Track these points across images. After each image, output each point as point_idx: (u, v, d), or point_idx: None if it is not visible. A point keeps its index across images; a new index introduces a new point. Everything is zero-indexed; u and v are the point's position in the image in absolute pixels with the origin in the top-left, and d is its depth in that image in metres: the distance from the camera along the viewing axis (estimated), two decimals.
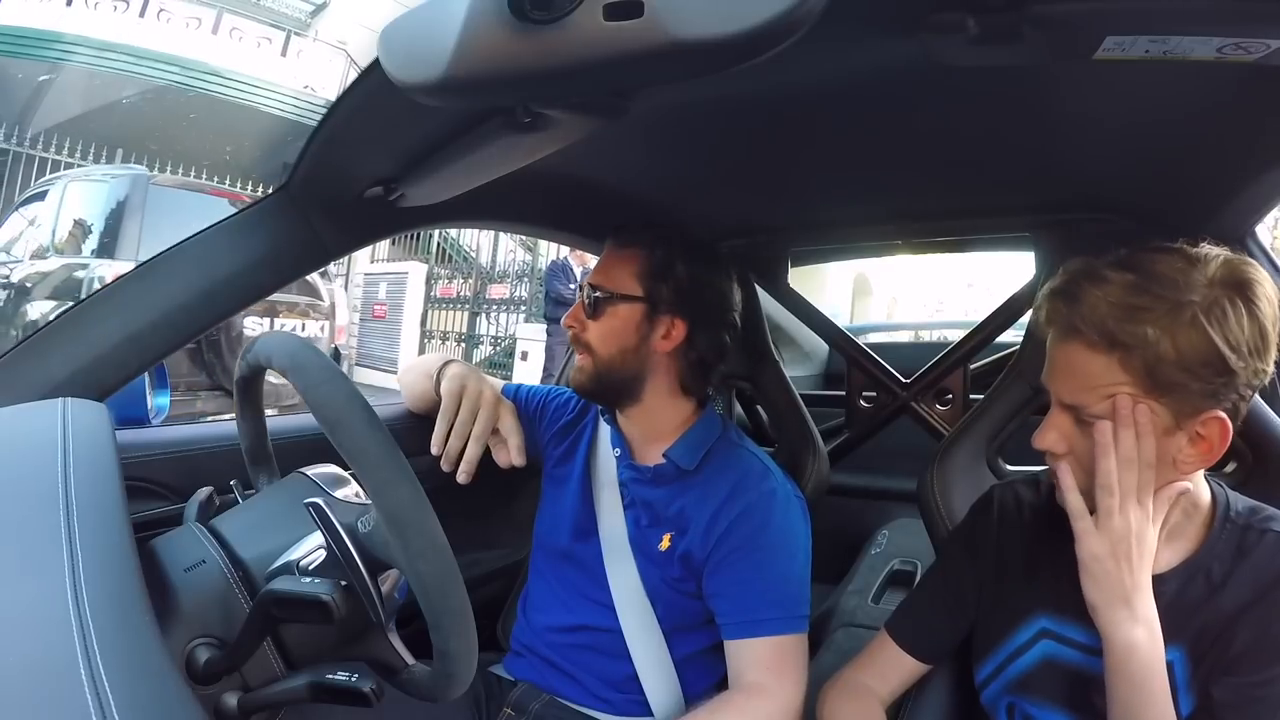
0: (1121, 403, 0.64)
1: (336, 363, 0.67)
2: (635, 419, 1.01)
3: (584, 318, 0.98)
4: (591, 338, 0.97)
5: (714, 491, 0.94)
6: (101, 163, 7.10)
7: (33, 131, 7.15)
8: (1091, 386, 0.65)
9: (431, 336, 8.48)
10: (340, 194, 0.84)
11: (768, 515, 0.93)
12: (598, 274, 0.98)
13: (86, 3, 7.86)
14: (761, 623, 0.89)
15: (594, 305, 0.97)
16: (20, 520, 0.51)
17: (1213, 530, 0.69)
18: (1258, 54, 0.51)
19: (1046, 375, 0.71)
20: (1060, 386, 0.68)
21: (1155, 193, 0.93)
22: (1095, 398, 0.65)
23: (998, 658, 0.78)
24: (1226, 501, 0.71)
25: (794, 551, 0.93)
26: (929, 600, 0.85)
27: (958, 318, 4.46)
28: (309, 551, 0.61)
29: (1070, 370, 0.67)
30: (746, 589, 0.90)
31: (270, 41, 8.83)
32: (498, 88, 0.48)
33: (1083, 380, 0.65)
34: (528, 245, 8.09)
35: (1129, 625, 0.64)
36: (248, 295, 0.85)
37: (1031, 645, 0.75)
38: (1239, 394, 0.63)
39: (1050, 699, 0.73)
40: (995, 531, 0.81)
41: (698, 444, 0.98)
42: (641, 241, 0.98)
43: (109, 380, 0.78)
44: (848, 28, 0.51)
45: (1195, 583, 0.68)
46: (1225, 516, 0.70)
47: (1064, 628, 0.74)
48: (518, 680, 1.02)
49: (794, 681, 0.87)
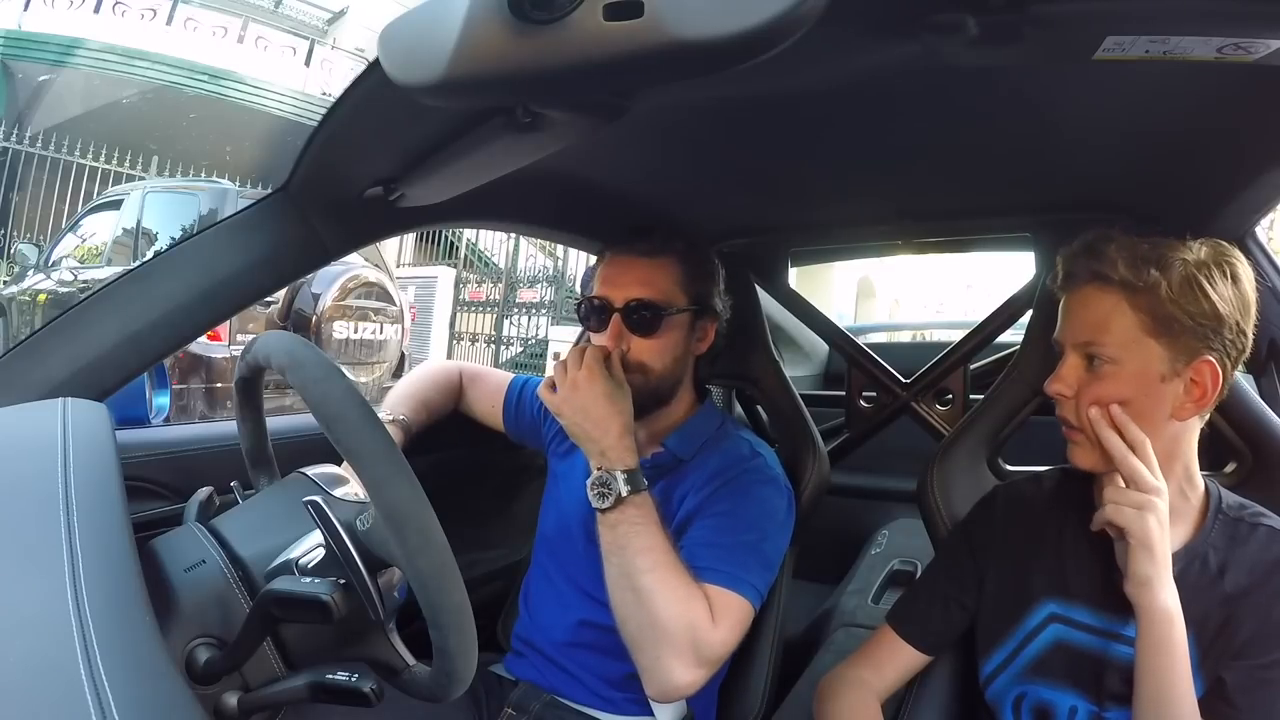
0: (1114, 411, 0.72)
1: (404, 364, 0.67)
2: (647, 421, 1.00)
3: (629, 335, 0.93)
4: (645, 356, 0.94)
5: (704, 470, 0.96)
6: (100, 162, 7.12)
7: (32, 131, 7.15)
8: (1103, 323, 0.73)
9: (460, 339, 8.68)
10: (340, 194, 0.84)
11: (744, 485, 0.93)
12: (638, 288, 0.94)
13: (114, 10, 8.05)
14: (711, 571, 0.85)
15: (646, 323, 0.93)
16: (20, 520, 0.51)
17: (1207, 520, 0.74)
18: (1258, 54, 0.51)
19: (1060, 328, 0.77)
20: (1075, 328, 0.75)
21: (1155, 192, 0.93)
22: (1106, 336, 0.72)
23: (1008, 646, 0.79)
24: (1219, 495, 0.76)
25: (761, 525, 0.91)
26: (930, 592, 0.86)
27: (958, 318, 4.46)
28: (308, 550, 0.61)
29: (1085, 310, 0.75)
30: (707, 543, 0.88)
31: (295, 51, 9.06)
32: (498, 88, 0.48)
33: (1095, 318, 0.73)
34: (548, 250, 8.38)
35: (1169, 593, 0.67)
36: (248, 295, 0.85)
37: (1041, 630, 0.77)
38: (1225, 348, 0.71)
39: (1064, 681, 0.75)
40: (998, 525, 0.84)
41: (696, 434, 0.99)
42: (674, 248, 0.97)
43: (109, 380, 0.77)
44: (848, 28, 0.51)
45: (1194, 567, 0.72)
46: (1218, 508, 0.75)
47: (1072, 611, 0.76)
48: (518, 680, 1.02)
49: (728, 631, 0.83)
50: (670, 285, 0.95)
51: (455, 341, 8.66)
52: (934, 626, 0.85)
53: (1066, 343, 0.76)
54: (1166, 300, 0.70)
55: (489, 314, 8.75)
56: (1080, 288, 0.76)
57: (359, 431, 0.55)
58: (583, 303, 1.00)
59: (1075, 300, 0.76)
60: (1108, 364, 0.72)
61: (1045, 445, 0.86)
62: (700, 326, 0.99)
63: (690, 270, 0.97)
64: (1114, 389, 0.72)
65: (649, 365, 0.94)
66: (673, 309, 0.94)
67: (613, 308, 0.95)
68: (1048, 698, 0.76)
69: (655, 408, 0.99)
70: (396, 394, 1.12)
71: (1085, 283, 0.75)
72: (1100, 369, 0.73)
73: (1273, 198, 0.86)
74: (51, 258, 5.04)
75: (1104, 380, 0.73)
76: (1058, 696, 0.75)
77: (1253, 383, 0.96)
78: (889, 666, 0.84)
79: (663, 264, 0.96)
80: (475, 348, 8.57)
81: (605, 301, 0.96)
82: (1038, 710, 0.77)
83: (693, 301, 0.97)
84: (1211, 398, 0.71)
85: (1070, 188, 0.99)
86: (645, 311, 0.93)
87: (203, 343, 3.50)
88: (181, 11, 8.36)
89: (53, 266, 4.92)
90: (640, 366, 0.94)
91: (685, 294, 0.96)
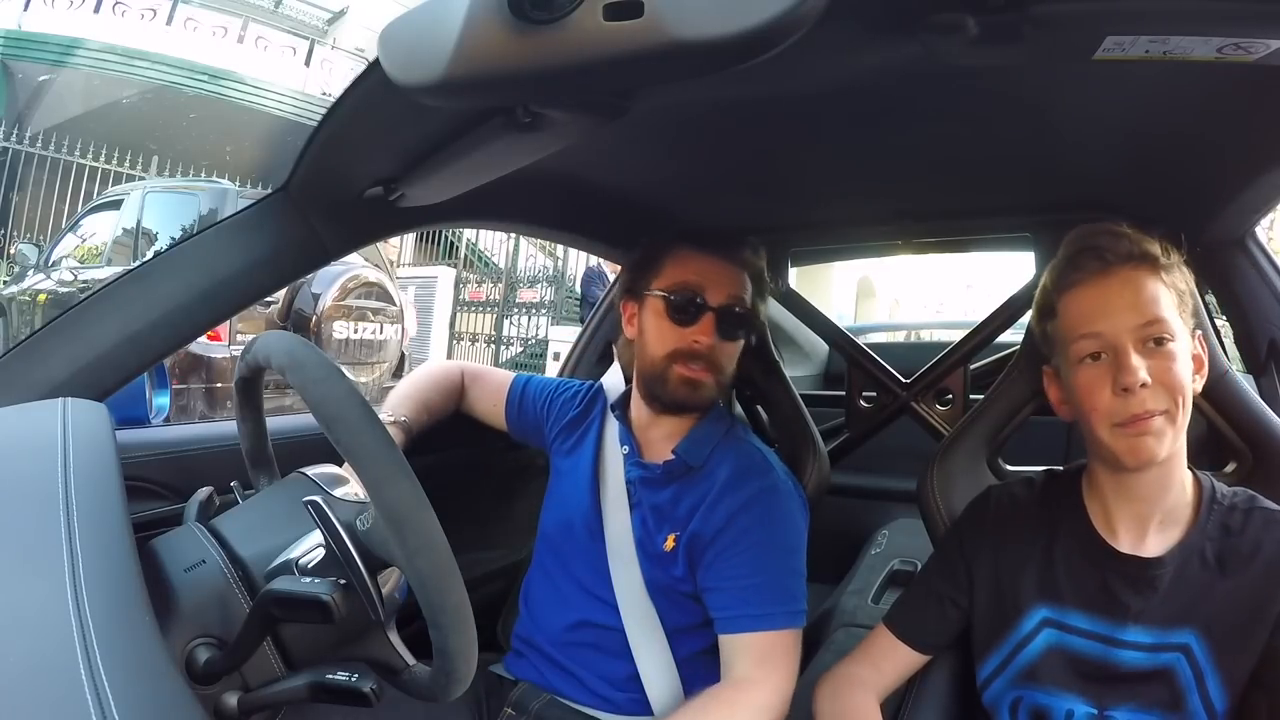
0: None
1: (404, 365, 0.68)
2: (670, 419, 1.01)
3: (716, 338, 0.95)
4: (723, 358, 0.96)
5: (716, 482, 0.95)
6: (100, 162, 7.12)
7: (32, 131, 7.16)
8: (1156, 300, 0.70)
9: (460, 339, 8.71)
10: (340, 194, 0.84)
11: (768, 509, 0.93)
12: (737, 290, 0.96)
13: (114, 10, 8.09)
14: (757, 618, 0.88)
15: (737, 328, 0.96)
16: (20, 520, 0.51)
17: (1200, 514, 0.73)
18: (1258, 54, 0.51)
19: (1098, 318, 0.71)
20: (1131, 312, 0.70)
21: (1155, 192, 0.93)
22: (1164, 312, 0.70)
23: (1003, 651, 0.79)
24: (1211, 487, 0.75)
25: (794, 546, 0.93)
26: (925, 592, 0.86)
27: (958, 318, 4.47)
28: (308, 550, 0.61)
29: (1139, 290, 0.71)
30: (743, 584, 0.90)
31: (295, 51, 9.09)
32: (498, 88, 0.48)
33: (1151, 296, 0.70)
34: (548, 250, 8.45)
35: None
36: (247, 295, 0.85)
37: (1035, 635, 0.77)
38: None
39: (1061, 685, 0.75)
40: (991, 527, 0.83)
41: (706, 439, 0.99)
42: (743, 255, 0.99)
43: (109, 380, 0.77)
44: (848, 28, 0.51)
45: (1192, 564, 0.71)
46: (1211, 500, 0.74)
47: (1066, 616, 0.75)
48: (518, 680, 1.02)
49: (783, 675, 0.87)
50: (751, 296, 0.99)
51: (455, 341, 8.69)
52: (930, 627, 0.84)
53: (1119, 331, 0.70)
54: (1180, 277, 0.72)
55: (489, 314, 8.78)
56: (1118, 270, 0.72)
57: (359, 432, 0.55)
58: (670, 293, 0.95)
59: (1117, 283, 0.71)
60: (1170, 341, 0.69)
61: (1045, 445, 0.86)
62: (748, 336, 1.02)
63: (759, 278, 1.01)
64: (1182, 366, 0.69)
65: (725, 369, 0.96)
66: (751, 314, 0.98)
67: (709, 306, 0.95)
68: (1044, 702, 0.76)
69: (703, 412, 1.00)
70: (397, 395, 1.12)
71: (1122, 263, 0.72)
72: (1165, 347, 0.69)
73: (1273, 198, 0.86)
74: (51, 258, 5.04)
75: (1173, 359, 0.69)
76: (1054, 701, 0.75)
77: (1253, 383, 0.96)
78: (887, 665, 0.84)
79: (744, 273, 0.98)
80: (475, 348, 8.60)
81: (702, 297, 0.94)
82: (1035, 714, 0.77)
83: (756, 314, 1.00)
84: (1206, 366, 0.74)
85: (1070, 188, 0.99)
86: (739, 317, 0.96)
87: (203, 343, 3.49)
88: (181, 11, 8.38)
89: (53, 266, 4.92)
90: (719, 368, 0.95)
91: (752, 300, 0.99)
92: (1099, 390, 0.70)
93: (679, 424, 1.00)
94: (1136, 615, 0.72)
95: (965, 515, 0.88)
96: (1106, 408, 0.70)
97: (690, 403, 0.97)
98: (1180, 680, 0.69)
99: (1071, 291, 0.74)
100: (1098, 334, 0.71)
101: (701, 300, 0.94)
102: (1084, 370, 0.72)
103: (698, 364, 0.94)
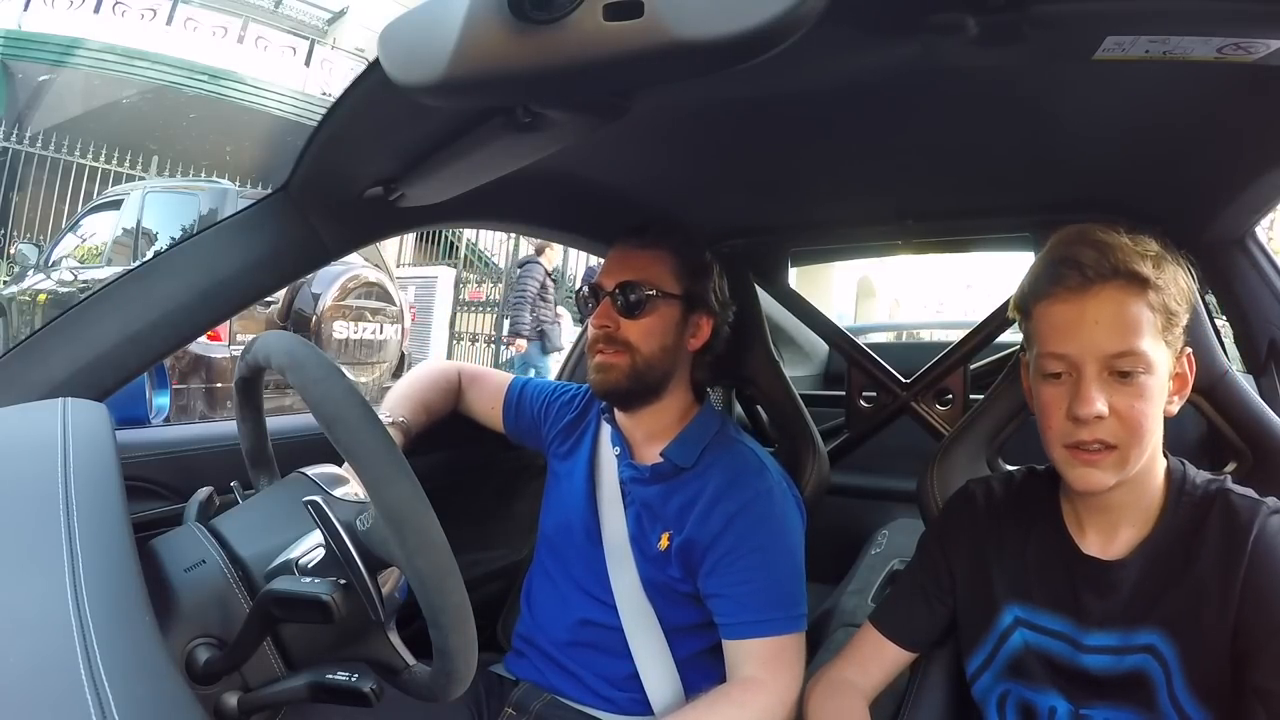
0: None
1: (404, 364, 0.68)
2: (643, 418, 1.01)
3: (617, 316, 0.97)
4: (631, 336, 0.96)
5: (710, 486, 0.95)
6: (100, 162, 7.12)
7: (32, 131, 7.16)
8: (1135, 328, 0.65)
9: (460, 338, 8.69)
10: (340, 194, 0.84)
11: (765, 513, 0.93)
12: (630, 271, 0.97)
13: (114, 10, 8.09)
14: (761, 624, 0.89)
15: (634, 304, 0.96)
16: (20, 520, 0.51)
17: (1167, 508, 0.70)
18: (1258, 54, 0.51)
19: (1067, 338, 0.67)
20: (1103, 338, 0.65)
21: (1155, 193, 0.93)
22: (1141, 343, 0.65)
23: (986, 646, 0.79)
24: (1182, 478, 0.71)
25: (791, 549, 0.94)
26: (909, 588, 0.86)
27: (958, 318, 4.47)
28: (308, 550, 0.61)
29: (1117, 315, 0.66)
30: (746, 590, 0.90)
31: (295, 51, 9.08)
32: (498, 88, 0.48)
33: (1128, 323, 0.65)
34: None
35: None
36: (248, 295, 0.85)
37: (1011, 633, 0.77)
38: (1189, 332, 0.70)
39: (1042, 682, 0.75)
40: (969, 523, 0.83)
41: (695, 441, 0.99)
42: (671, 242, 0.99)
43: (109, 380, 0.77)
44: (848, 28, 0.51)
45: (1156, 561, 0.69)
46: (1180, 492, 0.70)
47: (1037, 616, 0.75)
48: (519, 679, 1.02)
49: (791, 676, 0.88)
50: (661, 273, 0.97)
51: (455, 341, 8.68)
52: (916, 623, 0.84)
53: (1085, 356, 0.66)
54: (1172, 295, 0.66)
55: (489, 314, 8.76)
56: (1097, 289, 0.66)
57: (359, 432, 0.55)
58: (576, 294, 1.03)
59: (1094, 303, 0.66)
60: (1141, 374, 0.65)
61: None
62: (693, 321, 1.00)
63: (684, 263, 0.99)
64: (1148, 402, 0.65)
65: (635, 345, 0.96)
66: (659, 293, 0.96)
67: (604, 291, 0.98)
68: (1029, 697, 0.76)
69: (647, 398, 0.99)
70: (395, 395, 1.12)
71: (1106, 281, 0.66)
72: (1133, 381, 0.65)
73: (1273, 198, 0.86)
74: (51, 258, 5.05)
75: (1139, 394, 0.65)
76: (1038, 697, 0.75)
77: (1253, 383, 0.96)
78: (874, 664, 0.84)
79: (656, 254, 0.98)
80: (475, 348, 8.58)
81: (598, 286, 0.99)
82: (1022, 708, 0.77)
83: (685, 292, 0.98)
84: (1190, 384, 0.71)
85: (1070, 188, 0.99)
86: (632, 293, 0.96)
87: (203, 343, 3.50)
88: (181, 11, 8.38)
89: (53, 266, 4.92)
90: (626, 345, 0.96)
91: (677, 283, 0.98)
92: (1055, 410, 0.68)
93: (660, 423, 1.01)
94: (1100, 619, 0.71)
95: (945, 510, 0.88)
96: (1059, 428, 0.68)
97: (606, 387, 0.98)
98: (1151, 680, 0.68)
99: (1045, 303, 0.70)
100: (1063, 355, 0.68)
101: (596, 288, 0.99)
102: (1046, 386, 0.70)
103: (607, 347, 0.97)
